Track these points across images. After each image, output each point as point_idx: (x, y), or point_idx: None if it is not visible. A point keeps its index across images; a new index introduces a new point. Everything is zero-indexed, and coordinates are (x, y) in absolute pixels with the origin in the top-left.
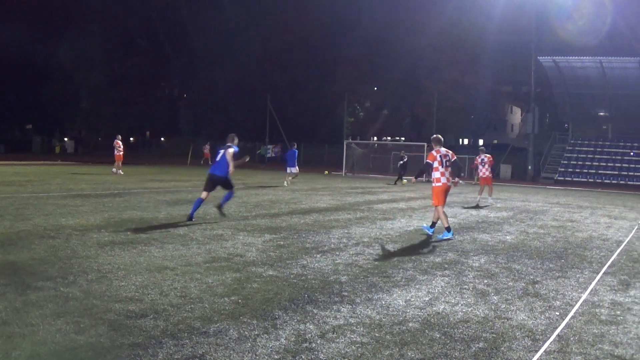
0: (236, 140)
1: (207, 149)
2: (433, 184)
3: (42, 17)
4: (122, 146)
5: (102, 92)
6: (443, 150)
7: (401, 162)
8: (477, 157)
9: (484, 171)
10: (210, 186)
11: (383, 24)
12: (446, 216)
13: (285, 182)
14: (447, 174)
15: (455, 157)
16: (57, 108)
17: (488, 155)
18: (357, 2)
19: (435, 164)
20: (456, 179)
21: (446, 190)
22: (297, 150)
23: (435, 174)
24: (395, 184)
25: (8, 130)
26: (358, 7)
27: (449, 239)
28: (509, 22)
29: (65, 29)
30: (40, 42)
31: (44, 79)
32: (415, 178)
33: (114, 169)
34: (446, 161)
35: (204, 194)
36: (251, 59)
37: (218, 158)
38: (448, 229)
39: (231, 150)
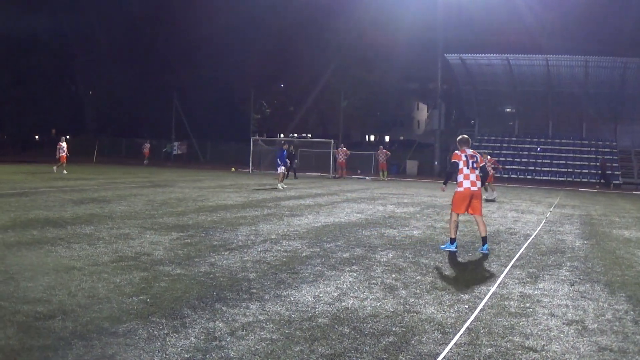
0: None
1: (147, 147)
2: (456, 189)
3: None
4: (65, 147)
5: (5, 89)
6: (470, 151)
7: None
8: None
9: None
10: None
11: (290, 21)
12: (457, 227)
13: (279, 186)
14: (472, 177)
15: (483, 162)
16: None
17: (489, 157)
18: (262, 2)
19: (461, 165)
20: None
21: (469, 197)
22: (285, 151)
23: (459, 177)
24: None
25: None
26: (266, 3)
27: (450, 251)
28: (416, 20)
29: None
30: None
31: None
32: (445, 184)
33: (55, 168)
34: (473, 162)
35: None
36: (157, 55)
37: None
38: (452, 241)
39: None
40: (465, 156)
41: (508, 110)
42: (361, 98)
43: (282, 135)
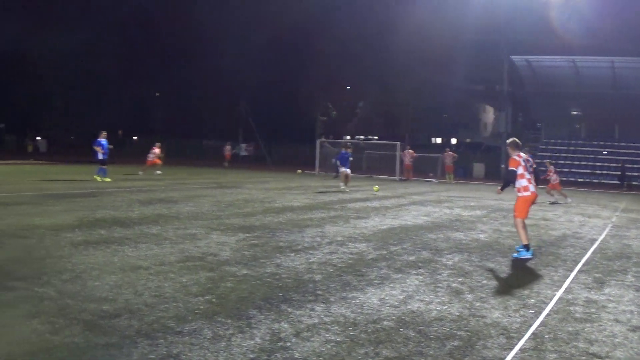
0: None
1: (228, 150)
2: (519, 194)
3: (13, 16)
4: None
5: (73, 91)
6: (524, 154)
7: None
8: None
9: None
10: None
11: (356, 23)
12: (526, 231)
13: (342, 187)
14: (533, 181)
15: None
16: (29, 107)
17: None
18: (331, 2)
19: (520, 170)
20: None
21: (533, 201)
22: (347, 153)
23: (522, 182)
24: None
25: None
26: (331, 6)
27: (527, 259)
28: (481, 22)
29: (37, 27)
30: (11, 40)
31: (16, 77)
32: (502, 190)
33: (157, 171)
34: (530, 166)
35: None
36: (225, 58)
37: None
38: (527, 248)
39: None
40: (523, 160)
41: (574, 112)
42: (427, 100)
43: (348, 137)
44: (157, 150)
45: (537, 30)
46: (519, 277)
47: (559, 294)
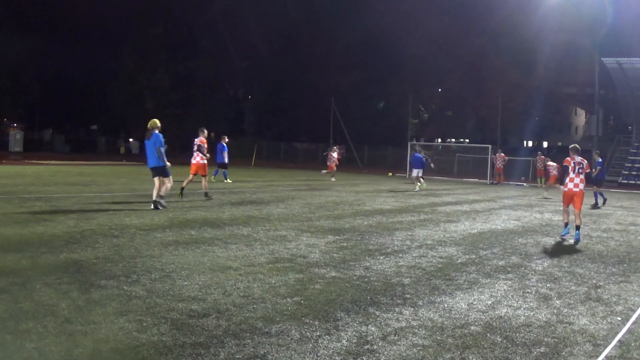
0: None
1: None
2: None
3: (105, 19)
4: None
5: (165, 94)
6: (578, 158)
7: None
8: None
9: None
10: None
11: (445, 24)
12: (567, 215)
13: (417, 187)
14: (576, 180)
15: (588, 169)
16: (121, 109)
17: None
18: (419, 2)
19: (569, 169)
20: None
21: (570, 195)
22: (420, 155)
23: (566, 179)
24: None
25: (73, 130)
26: (421, 7)
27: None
28: (571, 23)
29: (130, 30)
30: (103, 43)
31: (108, 80)
32: (562, 184)
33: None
34: (579, 168)
35: None
36: (314, 60)
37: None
38: (565, 225)
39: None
40: (574, 163)
41: None
42: (519, 103)
43: (439, 139)
44: (334, 155)
45: (629, 31)
46: (607, 283)
47: None
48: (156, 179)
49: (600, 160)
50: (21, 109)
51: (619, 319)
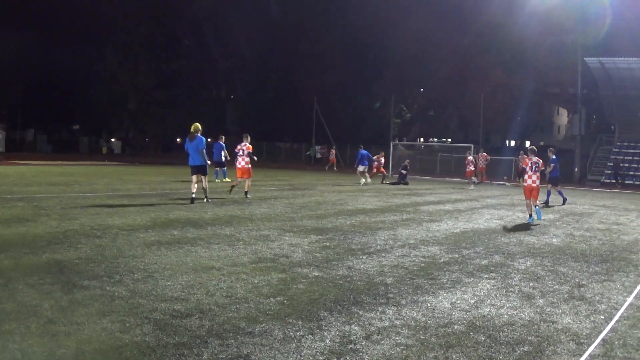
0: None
1: (333, 154)
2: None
3: (88, 18)
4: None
5: (148, 93)
6: (535, 158)
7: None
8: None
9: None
10: None
11: (428, 24)
12: (529, 207)
13: (363, 181)
14: (533, 177)
15: (543, 167)
16: (104, 109)
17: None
18: (403, 2)
19: (527, 168)
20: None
21: (529, 189)
22: (365, 152)
23: (525, 176)
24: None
25: (55, 130)
26: (403, 7)
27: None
28: (554, 23)
29: (112, 30)
30: (86, 43)
31: (91, 79)
32: (518, 179)
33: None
34: (535, 167)
35: None
36: (297, 60)
37: None
38: (530, 216)
39: None
40: (531, 162)
41: None
42: (502, 102)
43: (421, 139)
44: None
45: (611, 31)
46: (590, 282)
47: (629, 299)
48: (195, 177)
49: (554, 157)
50: (3, 109)
51: (603, 317)
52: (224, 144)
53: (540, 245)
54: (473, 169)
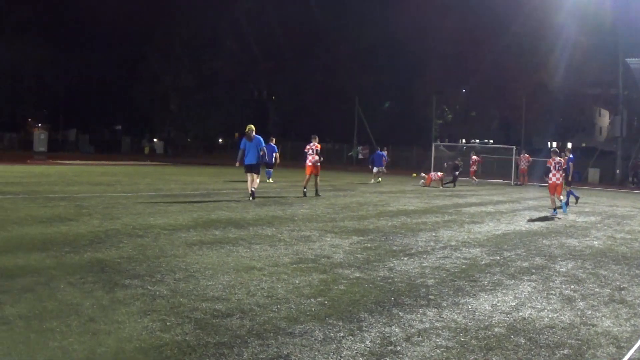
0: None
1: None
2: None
3: (131, 20)
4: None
5: (190, 94)
6: (557, 159)
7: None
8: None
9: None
10: None
11: (469, 24)
12: (553, 201)
13: (372, 180)
14: (557, 175)
15: (566, 165)
16: (146, 109)
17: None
18: (444, 3)
19: (551, 167)
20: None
21: (554, 186)
22: (382, 153)
23: (550, 174)
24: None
25: (98, 131)
26: (445, 7)
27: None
28: (594, 23)
29: (154, 30)
30: (129, 44)
31: (133, 80)
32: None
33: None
34: (557, 165)
35: None
36: (338, 60)
37: None
38: (554, 210)
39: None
40: (554, 162)
41: None
42: (543, 104)
43: (463, 140)
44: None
45: None
46: (631, 285)
47: None
48: (249, 175)
49: (571, 156)
50: (45, 109)
51: None
52: (275, 146)
53: (582, 247)
54: (475, 169)
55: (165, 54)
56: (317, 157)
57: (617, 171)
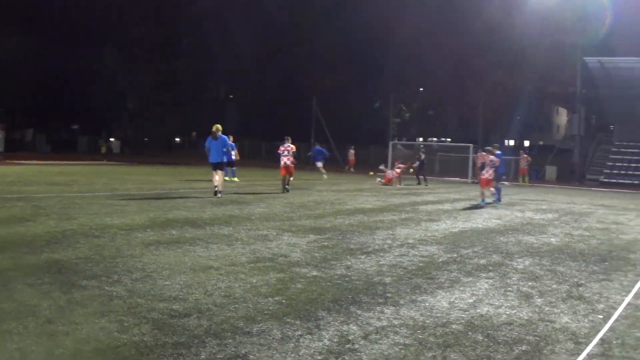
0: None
1: (352, 154)
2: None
3: (88, 18)
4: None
5: (148, 93)
6: (491, 157)
7: (418, 162)
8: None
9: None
10: None
11: (427, 24)
12: (482, 194)
13: (325, 176)
14: (490, 171)
15: (498, 163)
16: (103, 109)
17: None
18: (402, 3)
19: (485, 165)
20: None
21: (486, 181)
22: (320, 148)
23: (482, 170)
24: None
25: (54, 130)
26: (402, 7)
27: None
28: (554, 23)
29: (112, 29)
30: (86, 43)
31: (91, 80)
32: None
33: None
34: (491, 164)
35: None
36: (297, 60)
37: None
38: (482, 200)
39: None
40: (488, 160)
41: None
42: (501, 102)
43: (421, 139)
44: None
45: (611, 31)
46: (589, 281)
47: (628, 299)
48: (215, 173)
49: (498, 152)
50: (1, 109)
51: (601, 317)
52: (233, 144)
53: (539, 244)
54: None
55: (123, 53)
56: (292, 159)
57: (575, 169)
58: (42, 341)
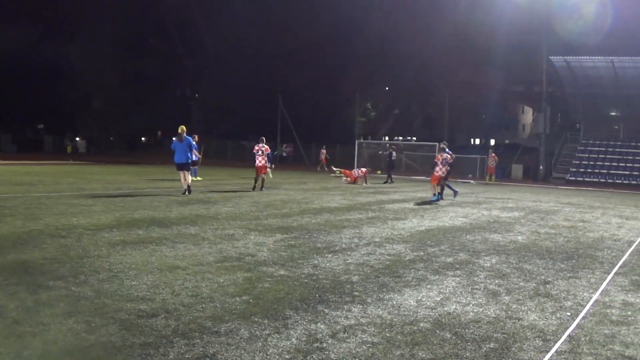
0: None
1: (323, 154)
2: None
3: (53, 16)
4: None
5: (113, 92)
6: (445, 154)
7: (388, 159)
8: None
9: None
10: None
11: (393, 23)
12: (433, 189)
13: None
14: (443, 169)
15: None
16: (68, 108)
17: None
18: (368, 2)
19: (438, 162)
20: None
21: (438, 178)
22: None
23: (436, 168)
24: (386, 182)
25: (20, 130)
26: (369, 7)
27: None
28: (520, 22)
29: (77, 28)
30: (51, 41)
31: (56, 78)
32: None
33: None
34: (445, 162)
35: None
36: (263, 59)
37: None
38: (434, 195)
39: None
40: (442, 158)
41: (613, 113)
42: (467, 101)
43: (386, 138)
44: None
45: (576, 31)
46: (556, 279)
47: (595, 296)
48: (181, 173)
49: (447, 150)
50: None
51: (569, 314)
52: (195, 144)
53: (505, 242)
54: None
55: (88, 52)
56: (266, 159)
57: (541, 167)
58: (10, 342)
